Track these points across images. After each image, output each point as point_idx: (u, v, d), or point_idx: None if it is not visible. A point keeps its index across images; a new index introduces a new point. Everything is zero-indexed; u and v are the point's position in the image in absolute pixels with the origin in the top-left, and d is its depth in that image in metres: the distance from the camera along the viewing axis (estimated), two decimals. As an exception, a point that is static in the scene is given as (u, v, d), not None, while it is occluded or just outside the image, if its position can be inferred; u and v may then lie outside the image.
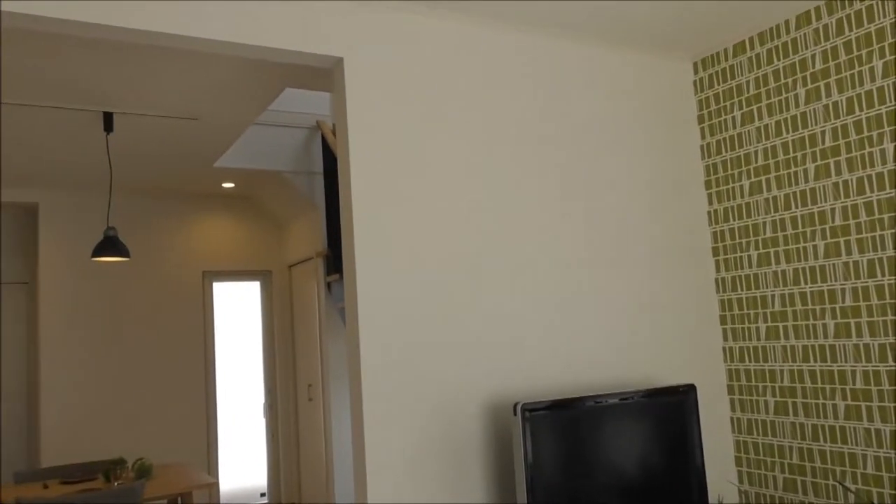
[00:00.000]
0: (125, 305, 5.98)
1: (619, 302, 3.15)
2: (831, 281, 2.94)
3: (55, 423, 5.61)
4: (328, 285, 5.76)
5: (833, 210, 2.93)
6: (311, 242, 6.05)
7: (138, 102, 3.88)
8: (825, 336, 2.96)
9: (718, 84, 3.40)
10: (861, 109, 2.84)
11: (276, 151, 5.68)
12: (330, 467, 5.68)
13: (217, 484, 3.60)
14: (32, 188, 5.71)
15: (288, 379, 6.50)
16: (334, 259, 5.63)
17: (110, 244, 3.85)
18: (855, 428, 2.86)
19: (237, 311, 6.56)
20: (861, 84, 2.84)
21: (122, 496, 3.31)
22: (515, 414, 2.63)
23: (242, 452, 6.27)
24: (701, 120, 3.48)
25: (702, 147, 3.48)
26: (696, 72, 3.51)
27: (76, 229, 5.86)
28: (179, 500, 3.93)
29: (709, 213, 3.45)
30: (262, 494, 6.40)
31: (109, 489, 3.57)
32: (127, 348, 5.94)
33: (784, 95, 3.11)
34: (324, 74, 3.70)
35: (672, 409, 2.86)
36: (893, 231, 2.74)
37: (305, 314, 6.20)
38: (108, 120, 4.02)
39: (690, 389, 2.90)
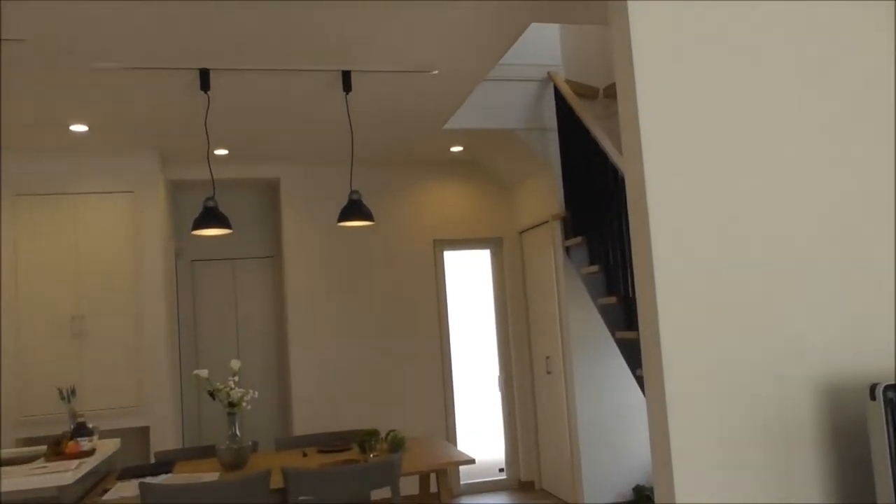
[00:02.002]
0: (363, 277, 5.99)
1: None
2: None
3: (304, 392, 5.76)
4: (566, 250, 5.33)
5: None
6: (545, 205, 5.65)
7: (375, 58, 3.67)
8: None
9: None
10: None
11: (506, 109, 5.33)
12: (574, 445, 5.28)
13: (473, 460, 3.34)
14: (273, 164, 5.87)
15: (523, 350, 6.19)
16: (573, 221, 5.18)
17: (355, 208, 3.70)
18: None
19: (468, 280, 6.35)
20: None
21: (381, 469, 3.14)
22: (874, 398, 2.02)
23: (479, 425, 6.06)
24: None
25: None
26: None
27: (314, 201, 5.94)
28: (431, 475, 3.73)
29: None
30: (501, 470, 6.18)
31: (367, 461, 3.44)
32: (366, 319, 5.96)
33: None
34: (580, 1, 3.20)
35: None
36: None
37: (540, 282, 5.83)
38: (346, 79, 3.86)
39: None
